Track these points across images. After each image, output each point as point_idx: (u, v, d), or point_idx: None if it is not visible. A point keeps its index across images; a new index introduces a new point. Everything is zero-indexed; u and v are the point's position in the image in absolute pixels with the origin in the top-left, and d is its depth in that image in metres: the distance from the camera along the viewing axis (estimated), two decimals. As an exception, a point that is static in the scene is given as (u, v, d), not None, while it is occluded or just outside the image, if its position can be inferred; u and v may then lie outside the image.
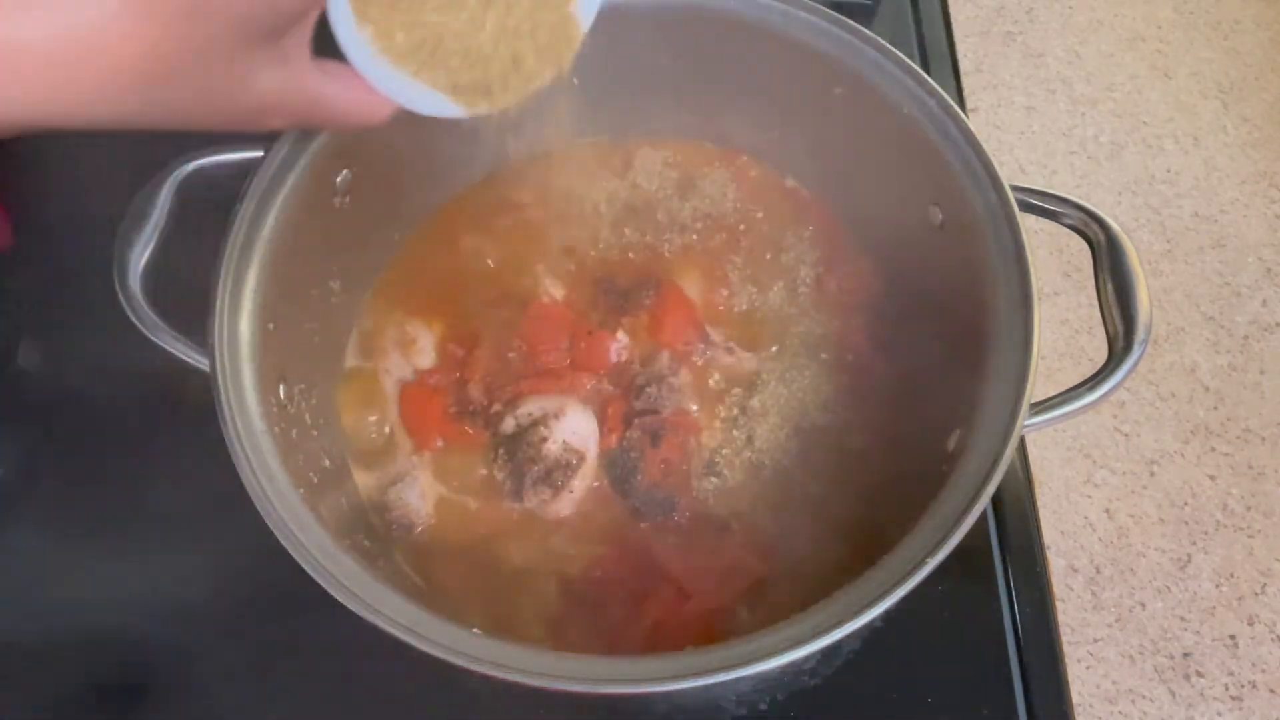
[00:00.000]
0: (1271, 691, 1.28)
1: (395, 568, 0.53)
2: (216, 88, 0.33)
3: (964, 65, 1.31)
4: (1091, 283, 0.50)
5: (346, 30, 0.35)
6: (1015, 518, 0.58)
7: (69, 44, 0.29)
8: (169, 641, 0.53)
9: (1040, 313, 0.46)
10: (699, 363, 0.58)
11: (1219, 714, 1.26)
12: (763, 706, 0.52)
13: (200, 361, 0.45)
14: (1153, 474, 1.41)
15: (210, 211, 0.48)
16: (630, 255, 0.62)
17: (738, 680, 0.39)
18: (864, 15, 0.75)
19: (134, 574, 0.54)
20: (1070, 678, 0.54)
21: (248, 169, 0.49)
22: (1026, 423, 0.44)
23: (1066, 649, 0.89)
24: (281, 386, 0.49)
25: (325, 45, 0.36)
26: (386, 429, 0.57)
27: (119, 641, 0.53)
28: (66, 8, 0.28)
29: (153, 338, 0.46)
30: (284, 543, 0.41)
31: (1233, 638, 1.30)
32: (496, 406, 0.56)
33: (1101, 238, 0.50)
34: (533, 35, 0.37)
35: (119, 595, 0.54)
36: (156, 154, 0.49)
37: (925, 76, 0.52)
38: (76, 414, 0.60)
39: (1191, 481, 1.41)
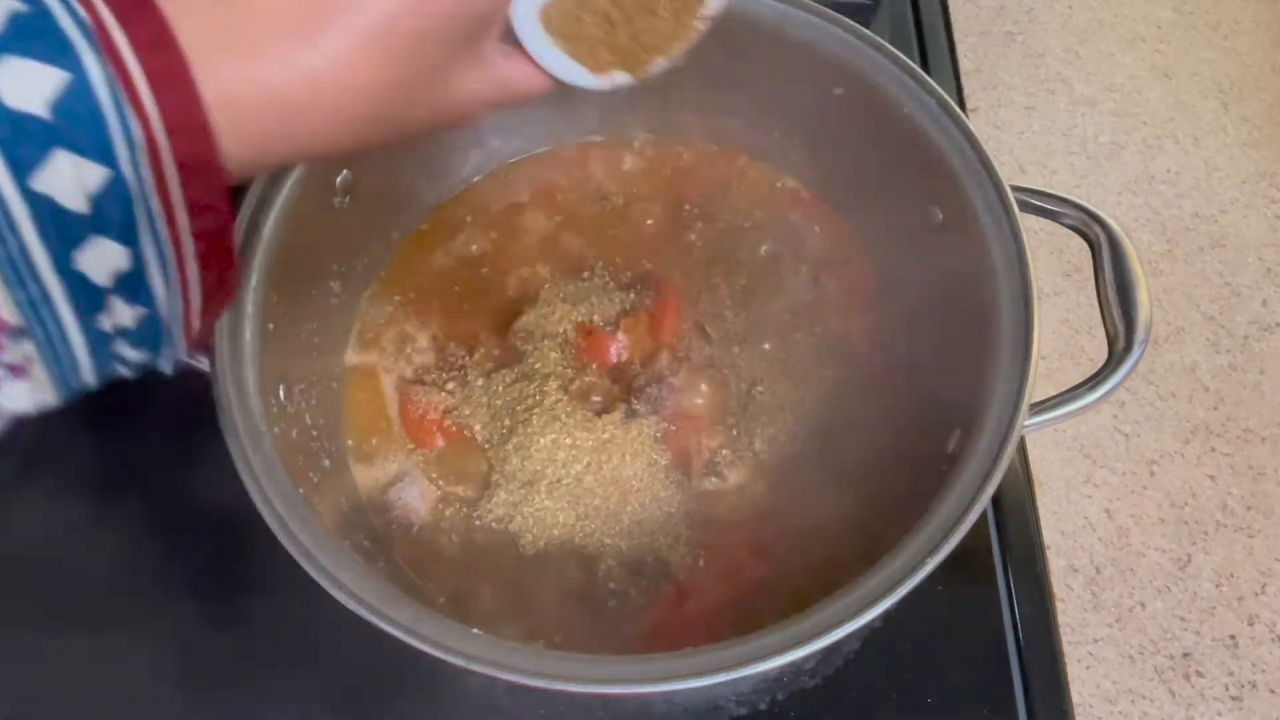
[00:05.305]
0: (1271, 691, 1.28)
1: (395, 567, 0.53)
2: (439, 100, 0.35)
3: (964, 65, 1.31)
4: (1091, 283, 0.50)
5: (530, 25, 0.39)
6: (1015, 518, 0.58)
7: (317, 87, 0.30)
8: (166, 640, 0.53)
9: (1040, 313, 0.46)
10: (699, 363, 0.58)
11: (1219, 714, 1.26)
12: (762, 706, 0.52)
13: (200, 362, 0.46)
14: (1153, 474, 1.41)
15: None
16: (629, 255, 0.62)
17: (738, 680, 0.39)
18: (864, 15, 0.74)
19: (131, 574, 0.54)
20: (1070, 678, 0.54)
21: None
22: (1026, 423, 0.44)
23: (1066, 649, 0.89)
24: (281, 386, 0.49)
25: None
26: (386, 429, 0.57)
27: (116, 642, 0.53)
28: (310, 54, 0.30)
29: (153, 338, 0.46)
30: (283, 542, 0.41)
31: (1233, 638, 1.30)
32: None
33: (1101, 238, 0.50)
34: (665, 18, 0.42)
35: (117, 595, 0.54)
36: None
37: (925, 76, 0.52)
38: (76, 414, 0.60)
39: (1191, 481, 1.41)
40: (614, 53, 0.42)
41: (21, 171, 0.24)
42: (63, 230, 0.25)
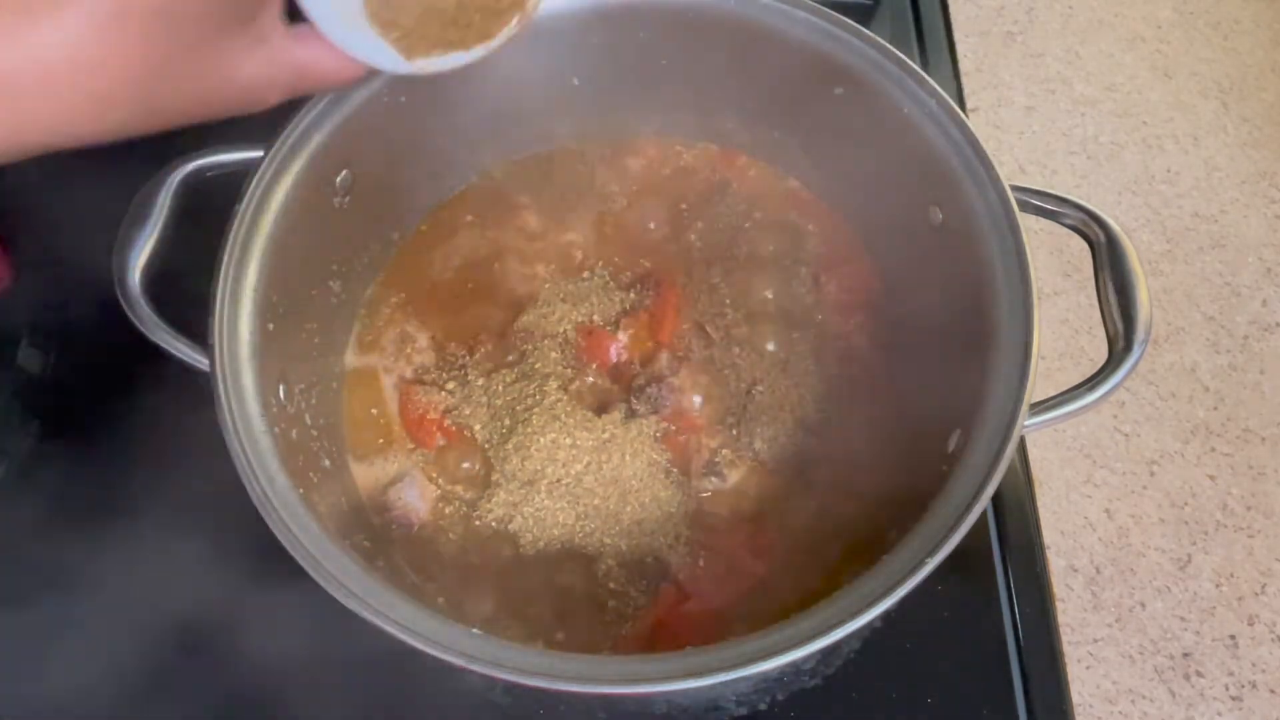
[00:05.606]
0: (1271, 691, 1.28)
1: (394, 567, 0.53)
2: (208, 82, 0.33)
3: (964, 65, 1.31)
4: (1091, 283, 0.50)
5: (326, 8, 0.37)
6: (1015, 518, 0.58)
7: (47, 68, 0.29)
8: (167, 641, 0.53)
9: (1040, 313, 0.46)
10: (699, 363, 0.58)
11: (1219, 714, 1.26)
12: (762, 706, 0.52)
13: (200, 361, 0.45)
14: (1153, 474, 1.41)
15: (210, 211, 0.48)
16: (629, 255, 0.62)
17: (738, 680, 0.39)
18: (864, 15, 0.74)
19: (133, 572, 0.54)
20: (1070, 678, 0.54)
21: (248, 169, 0.49)
22: (1026, 423, 0.44)
23: (1066, 649, 0.89)
24: (281, 386, 0.49)
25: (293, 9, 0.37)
26: (386, 429, 0.57)
27: (116, 641, 0.53)
28: (37, 34, 0.28)
29: (152, 338, 0.46)
30: (284, 542, 0.42)
31: (1233, 638, 1.30)
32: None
33: (1101, 238, 0.50)
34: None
35: (119, 594, 0.54)
36: (156, 154, 0.49)
37: (925, 76, 0.52)
38: (76, 414, 0.60)
39: (1191, 481, 1.41)
40: (439, 37, 0.41)
41: None
42: None
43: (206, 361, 0.45)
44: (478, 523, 0.54)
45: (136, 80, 0.31)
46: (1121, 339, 0.47)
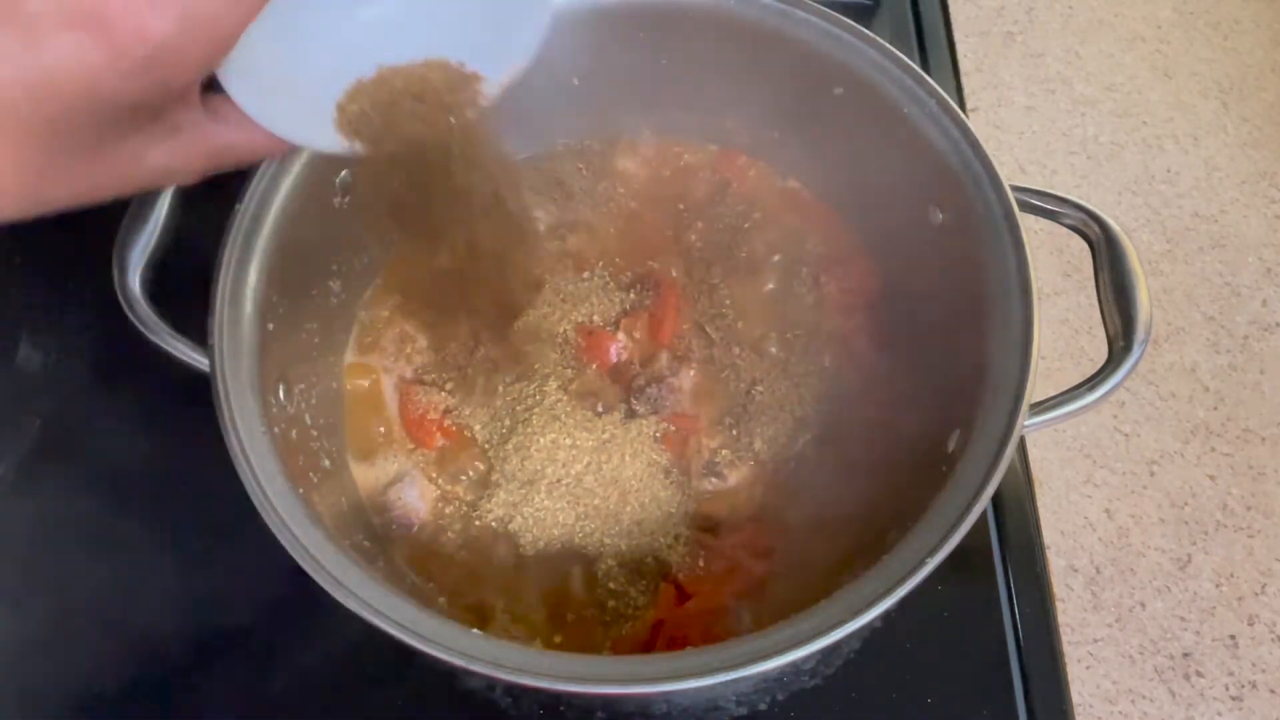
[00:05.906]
0: (1271, 691, 1.28)
1: (394, 567, 0.53)
2: (105, 175, 0.32)
3: (964, 65, 1.30)
4: (1091, 283, 0.50)
5: (243, 94, 0.35)
6: (1015, 518, 0.58)
7: None
8: (167, 641, 0.53)
9: (1040, 312, 0.46)
10: (699, 363, 0.58)
11: (1219, 714, 1.26)
12: (762, 706, 0.52)
13: (200, 361, 0.46)
14: (1153, 474, 1.41)
15: (210, 211, 0.48)
16: (630, 255, 0.62)
17: (738, 680, 0.39)
18: (864, 15, 0.75)
19: (132, 573, 0.54)
20: (1070, 678, 0.54)
21: (248, 169, 0.49)
22: (1026, 423, 0.44)
23: (1066, 649, 0.89)
24: (281, 386, 0.49)
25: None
26: (386, 429, 0.57)
27: (117, 642, 0.53)
28: None
29: (153, 338, 0.46)
30: (283, 543, 0.41)
31: (1233, 638, 1.30)
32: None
33: (1101, 237, 0.50)
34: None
35: (117, 595, 0.54)
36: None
37: (925, 76, 0.52)
38: (76, 414, 0.60)
39: (1191, 481, 1.40)
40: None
41: None
42: None
43: (206, 361, 0.45)
44: (478, 523, 0.54)
45: (24, 181, 0.30)
46: (1121, 339, 0.47)
